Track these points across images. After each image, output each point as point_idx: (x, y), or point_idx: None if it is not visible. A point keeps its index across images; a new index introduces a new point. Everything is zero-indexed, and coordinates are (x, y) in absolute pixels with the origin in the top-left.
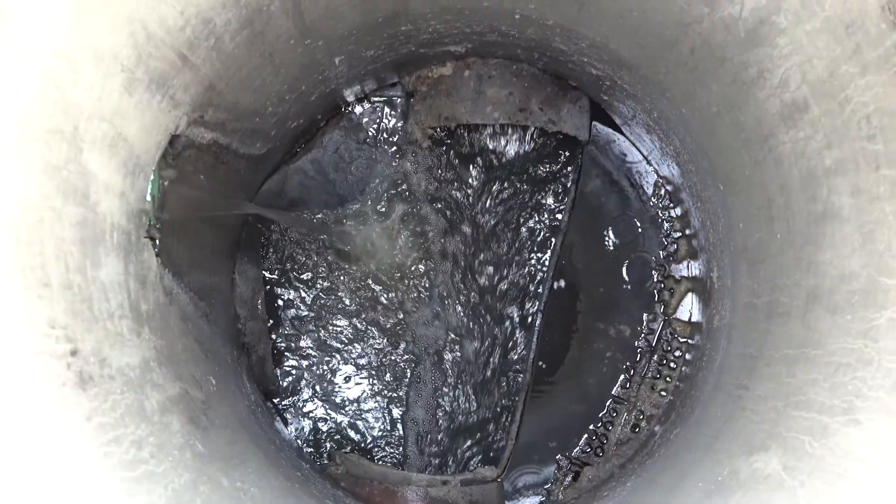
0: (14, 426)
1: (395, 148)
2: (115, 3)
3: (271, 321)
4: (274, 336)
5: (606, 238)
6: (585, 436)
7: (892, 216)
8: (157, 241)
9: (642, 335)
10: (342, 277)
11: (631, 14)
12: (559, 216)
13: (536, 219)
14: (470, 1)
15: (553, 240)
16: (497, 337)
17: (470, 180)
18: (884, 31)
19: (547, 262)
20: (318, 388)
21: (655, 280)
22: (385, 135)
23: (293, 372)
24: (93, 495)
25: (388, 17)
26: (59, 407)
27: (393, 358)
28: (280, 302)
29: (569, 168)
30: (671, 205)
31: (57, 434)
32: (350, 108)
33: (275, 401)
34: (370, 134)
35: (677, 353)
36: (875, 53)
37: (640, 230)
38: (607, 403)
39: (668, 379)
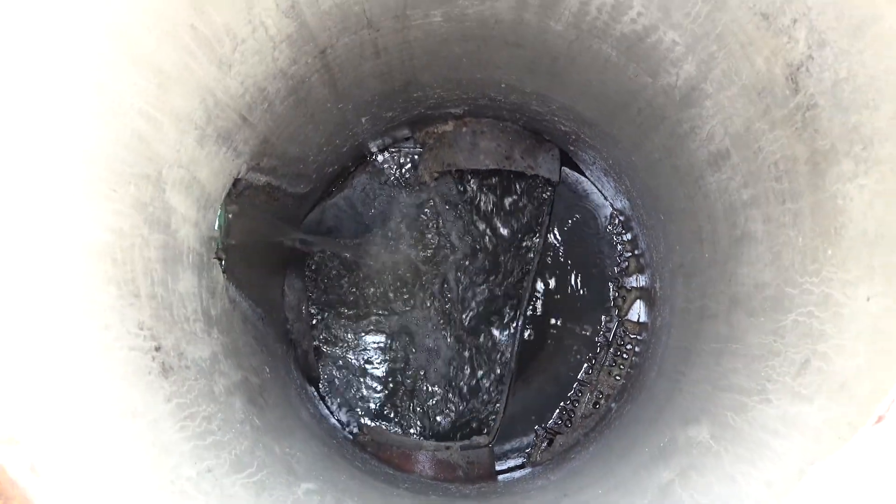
0: (112, 405)
1: (408, 187)
2: (190, 77)
3: (313, 323)
4: (315, 334)
5: (573, 257)
6: (557, 411)
7: (795, 239)
8: (224, 261)
9: (601, 333)
10: (367, 288)
11: (592, 83)
12: (536, 240)
13: (518, 243)
14: (466, 73)
15: (531, 257)
16: (487, 335)
17: (466, 212)
18: (787, 95)
19: (526, 280)
20: (348, 375)
21: (611, 290)
22: (401, 177)
23: (330, 363)
24: (172, 458)
25: (402, 86)
26: (146, 390)
27: (405, 353)
28: (319, 308)
29: (544, 203)
30: (623, 231)
31: (145, 411)
32: (374, 157)
33: (316, 385)
34: (390, 177)
35: (629, 347)
36: (781, 113)
37: (599, 251)
38: (574, 385)
39: (621, 367)
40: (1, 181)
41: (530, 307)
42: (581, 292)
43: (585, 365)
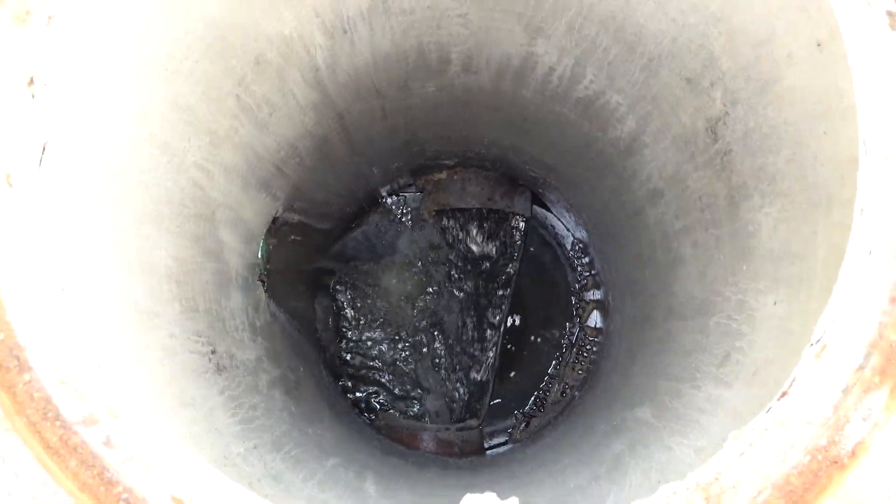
0: (177, 396)
1: (412, 223)
2: (235, 137)
3: (338, 332)
4: (339, 341)
5: (543, 276)
6: (532, 398)
7: (717, 259)
8: (265, 283)
9: (566, 336)
10: (378, 303)
11: (555, 138)
12: (515, 264)
13: (499, 267)
14: (455, 132)
15: (510, 279)
16: (475, 340)
17: (457, 242)
18: (708, 144)
19: (506, 294)
20: (366, 373)
21: (573, 302)
22: (406, 216)
23: (351, 363)
24: (224, 438)
25: (405, 143)
26: (204, 385)
27: (410, 354)
28: (343, 320)
29: (519, 235)
30: (582, 256)
31: (203, 401)
32: (384, 200)
33: (340, 381)
34: (397, 216)
35: (588, 348)
36: (703, 158)
37: (563, 272)
38: (545, 378)
39: (582, 363)
40: (94, 220)
41: (509, 317)
42: (549, 304)
43: (554, 362)
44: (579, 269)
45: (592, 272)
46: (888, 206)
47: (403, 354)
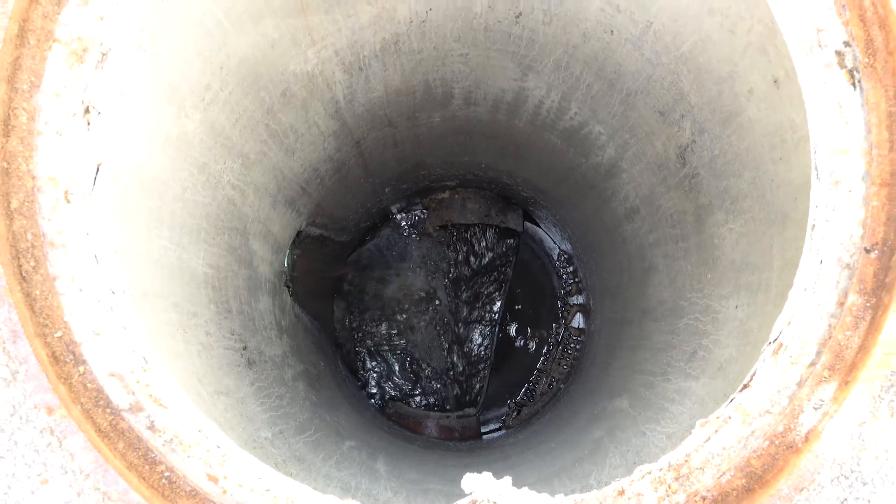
0: (213, 386)
1: (418, 236)
2: (265, 160)
3: (354, 331)
4: (355, 339)
5: (532, 283)
6: (523, 390)
7: (685, 268)
8: (290, 288)
9: (553, 335)
10: (390, 305)
11: (544, 163)
12: (508, 271)
13: (494, 274)
14: (457, 157)
15: (503, 285)
16: (473, 339)
17: (459, 252)
18: (678, 168)
19: (499, 298)
20: (379, 367)
21: (559, 306)
22: (412, 230)
23: (366, 359)
24: (254, 424)
25: (413, 167)
26: (236, 377)
27: (417, 353)
28: (359, 321)
29: (511, 246)
30: (567, 265)
31: (236, 391)
32: (395, 216)
33: (356, 374)
34: (405, 230)
35: (572, 346)
36: (674, 180)
37: (550, 279)
38: (535, 372)
39: (567, 359)
40: (140, 232)
41: (503, 318)
42: (538, 308)
43: (542, 358)
44: (564, 276)
45: (576, 280)
46: (836, 223)
47: (410, 352)
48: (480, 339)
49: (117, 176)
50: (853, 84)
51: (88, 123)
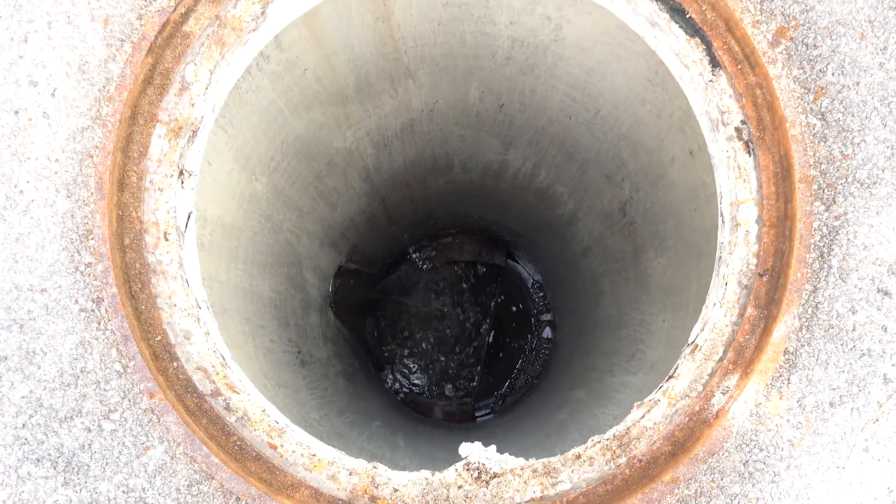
0: (274, 380)
1: (429, 270)
2: (315, 213)
3: (381, 340)
4: (382, 346)
5: (512, 306)
6: (506, 384)
7: (626, 292)
8: (333, 308)
9: (528, 344)
10: (407, 322)
11: (521, 215)
12: (494, 299)
13: (483, 300)
14: (457, 211)
15: (492, 304)
16: (469, 346)
17: (459, 280)
18: (620, 218)
19: (489, 316)
20: (400, 367)
21: (533, 322)
22: (424, 265)
23: (391, 360)
24: (305, 408)
25: (424, 218)
26: (293, 374)
27: (428, 356)
28: (385, 332)
29: (497, 276)
30: (539, 291)
31: (292, 384)
32: (411, 255)
33: (382, 372)
34: (419, 264)
35: (543, 351)
36: (617, 227)
37: (525, 302)
38: (514, 371)
39: (539, 361)
40: (220, 264)
41: (492, 331)
42: (517, 323)
43: (521, 360)
44: (537, 299)
45: (546, 302)
46: (737, 255)
47: (423, 356)
48: (474, 347)
49: (204, 223)
50: (748, 152)
51: (182, 183)
